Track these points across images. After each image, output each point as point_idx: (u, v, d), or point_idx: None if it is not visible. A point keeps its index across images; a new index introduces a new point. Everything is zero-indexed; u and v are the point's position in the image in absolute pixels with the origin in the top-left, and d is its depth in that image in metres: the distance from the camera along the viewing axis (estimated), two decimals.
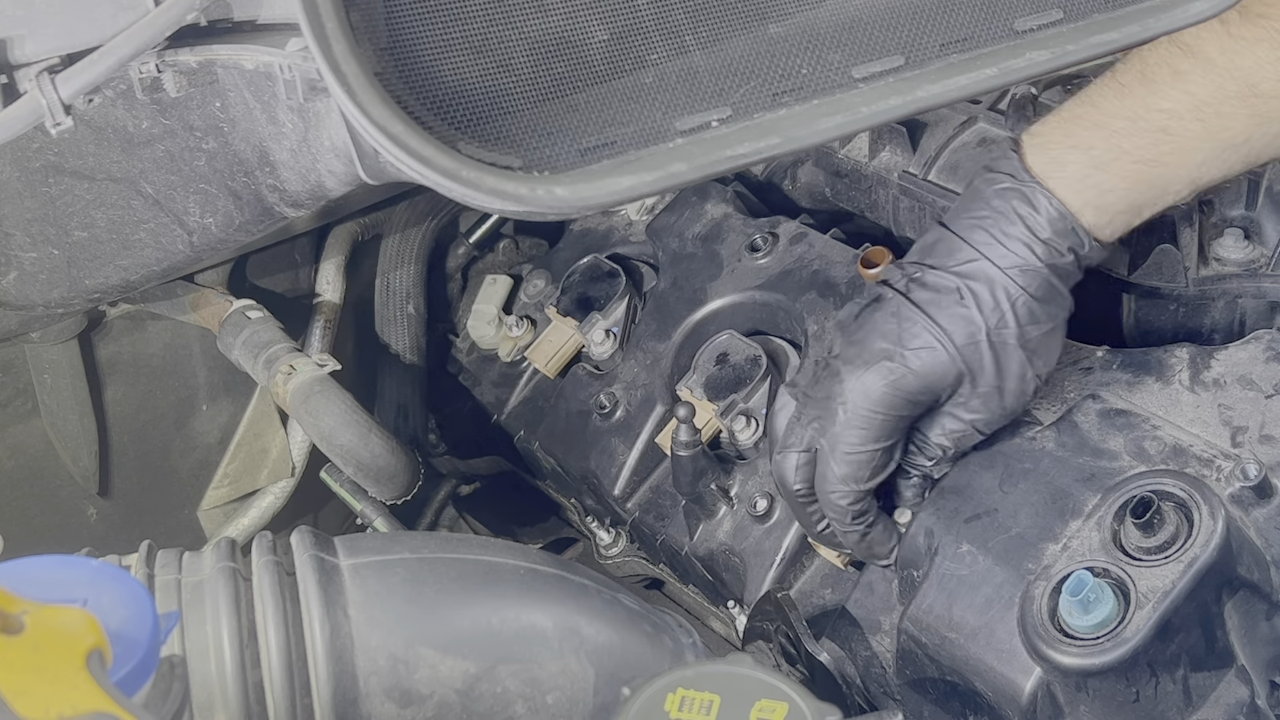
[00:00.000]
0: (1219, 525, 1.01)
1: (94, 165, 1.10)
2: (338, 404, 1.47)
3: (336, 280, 1.69)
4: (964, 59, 0.80)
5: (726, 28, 0.77)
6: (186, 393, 1.62)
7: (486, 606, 0.96)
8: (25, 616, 0.64)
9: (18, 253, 1.24)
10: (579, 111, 0.72)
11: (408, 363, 1.75)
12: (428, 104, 0.68)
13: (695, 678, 0.81)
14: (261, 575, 0.93)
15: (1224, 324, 1.27)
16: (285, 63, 0.75)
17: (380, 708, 0.91)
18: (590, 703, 0.96)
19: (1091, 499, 1.08)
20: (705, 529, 1.38)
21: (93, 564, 0.74)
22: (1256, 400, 1.12)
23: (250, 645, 0.90)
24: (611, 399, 1.49)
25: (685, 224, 1.57)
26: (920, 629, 1.12)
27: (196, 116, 0.99)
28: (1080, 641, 1.00)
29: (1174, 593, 1.00)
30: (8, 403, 1.52)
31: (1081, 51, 0.82)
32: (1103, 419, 1.15)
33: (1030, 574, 1.06)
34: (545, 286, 1.67)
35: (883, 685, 1.21)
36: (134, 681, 0.68)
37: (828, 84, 0.76)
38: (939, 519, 1.15)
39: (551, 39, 0.72)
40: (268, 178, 0.98)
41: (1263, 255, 1.25)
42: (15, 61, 0.76)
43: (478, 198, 0.67)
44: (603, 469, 1.47)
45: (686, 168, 0.70)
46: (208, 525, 1.68)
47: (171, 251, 1.15)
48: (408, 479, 1.53)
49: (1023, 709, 1.05)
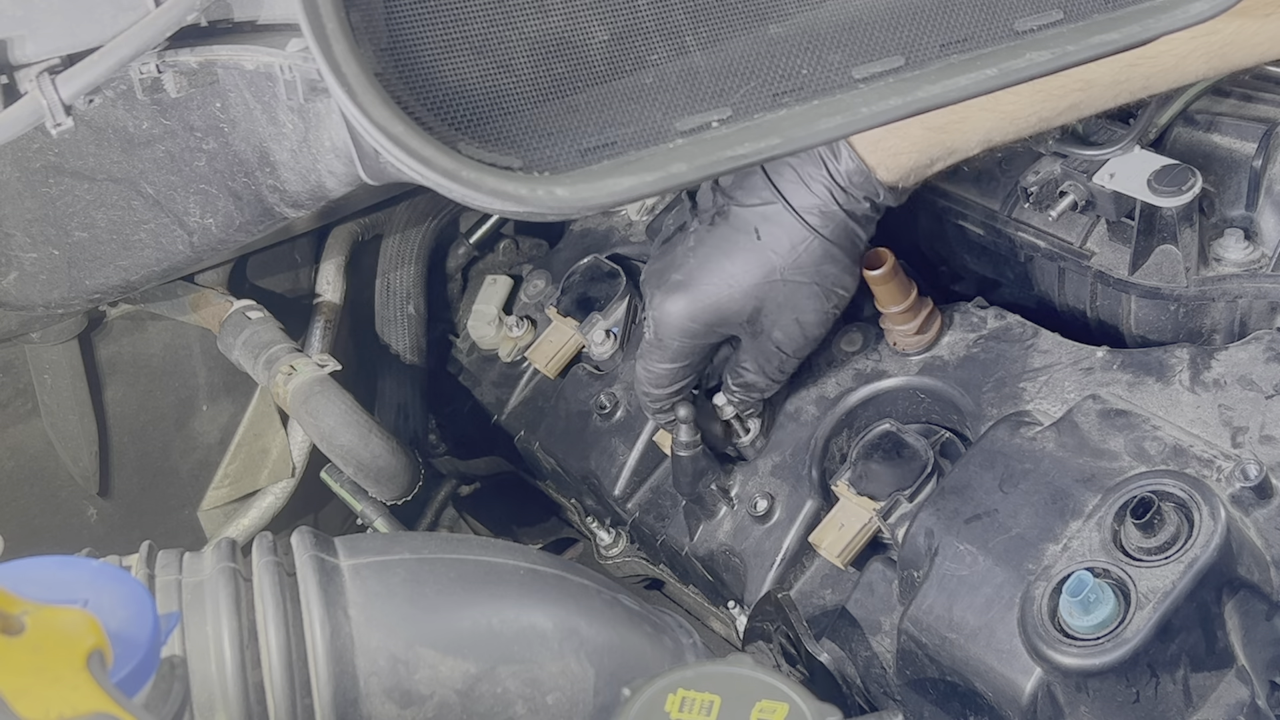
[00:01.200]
0: (1219, 525, 1.01)
1: (94, 165, 1.10)
2: (338, 404, 1.47)
3: (336, 280, 1.69)
4: (964, 59, 0.79)
5: (726, 28, 0.77)
6: (187, 393, 1.62)
7: (487, 607, 0.96)
8: (26, 617, 0.64)
9: (18, 253, 1.24)
10: (579, 112, 0.72)
11: (408, 363, 1.75)
12: (428, 104, 0.68)
13: (695, 678, 0.81)
14: (262, 576, 0.93)
15: (1224, 324, 1.27)
16: (285, 63, 0.75)
17: (380, 708, 0.91)
18: (590, 703, 0.96)
19: (1092, 499, 1.08)
20: (705, 529, 1.38)
21: (93, 564, 0.74)
22: (1256, 400, 1.12)
23: (250, 645, 0.90)
24: (612, 399, 1.49)
25: None
26: (920, 629, 1.12)
27: (197, 117, 0.99)
28: (1080, 642, 1.00)
29: (1174, 593, 0.99)
30: (8, 403, 1.52)
31: (1082, 52, 0.82)
32: (1103, 419, 1.15)
33: (1030, 574, 1.06)
34: (545, 287, 1.67)
35: (883, 685, 1.21)
36: (134, 682, 0.68)
37: (828, 84, 0.76)
38: (939, 519, 1.15)
39: (552, 39, 0.72)
40: (268, 178, 0.98)
41: (1263, 255, 1.25)
42: (16, 62, 0.76)
43: (478, 198, 0.67)
44: (603, 469, 1.47)
45: (687, 168, 0.70)
46: (208, 525, 1.68)
47: (172, 252, 1.15)
48: (408, 479, 1.53)
49: (1023, 709, 1.05)
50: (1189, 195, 1.22)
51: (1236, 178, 1.26)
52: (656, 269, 1.30)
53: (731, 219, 1.25)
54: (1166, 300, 1.28)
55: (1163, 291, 1.28)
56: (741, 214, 1.24)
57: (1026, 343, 1.29)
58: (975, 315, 1.35)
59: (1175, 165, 1.23)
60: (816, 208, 1.22)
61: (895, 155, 1.21)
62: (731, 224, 1.25)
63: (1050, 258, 1.34)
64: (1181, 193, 1.22)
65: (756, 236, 1.23)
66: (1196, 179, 1.22)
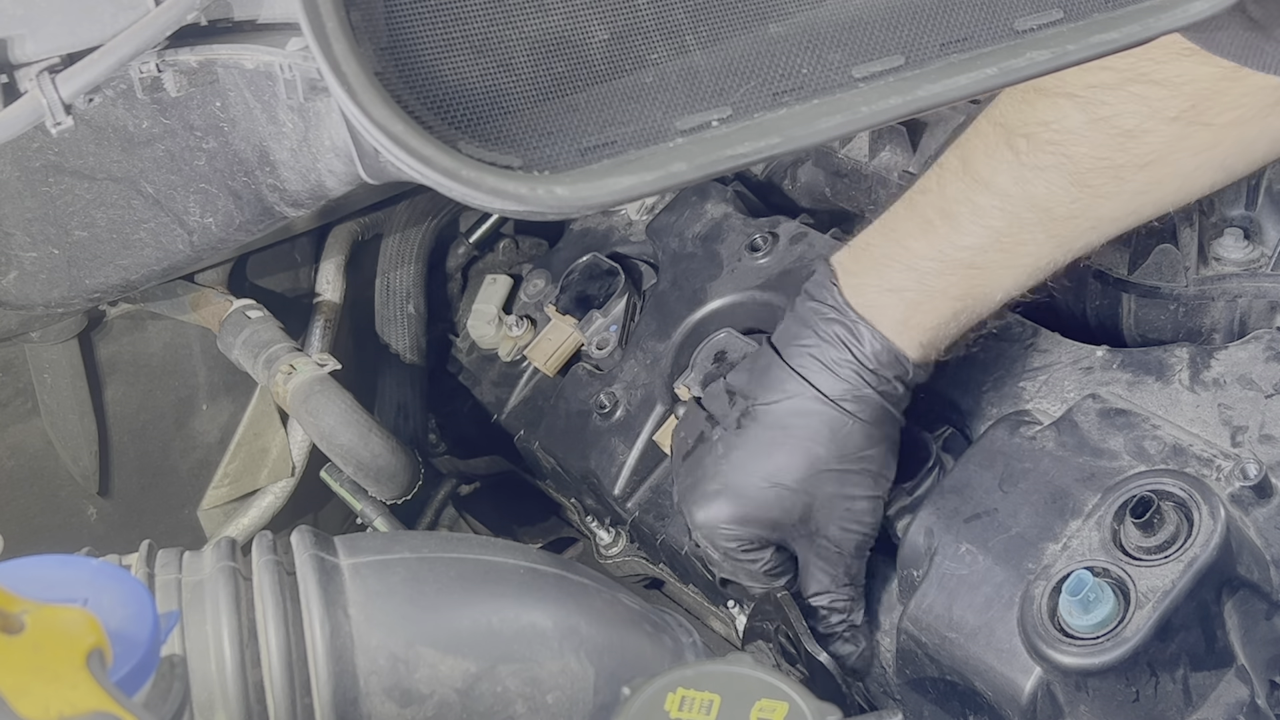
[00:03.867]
0: (1219, 525, 1.01)
1: (94, 165, 1.10)
2: (338, 404, 1.47)
3: (336, 280, 1.69)
4: (964, 59, 0.79)
5: (727, 27, 0.77)
6: (186, 392, 1.62)
7: (486, 606, 0.96)
8: (25, 616, 0.64)
9: (18, 252, 1.24)
10: (579, 111, 0.72)
11: (408, 362, 1.75)
12: (428, 104, 0.68)
13: (695, 677, 0.81)
14: (262, 575, 0.93)
15: (1224, 324, 1.27)
16: (285, 62, 0.75)
17: (380, 707, 0.91)
18: (590, 702, 0.96)
19: (1091, 499, 1.08)
20: None
21: (93, 564, 0.74)
22: (1256, 400, 1.12)
23: (250, 645, 0.90)
24: (611, 398, 1.49)
25: (685, 224, 1.57)
26: (920, 629, 1.12)
27: (196, 116, 0.99)
28: (1080, 641, 1.00)
29: (1174, 592, 1.00)
30: (8, 403, 1.52)
31: (1082, 51, 0.82)
32: (1103, 419, 1.15)
33: (1030, 574, 1.06)
34: (545, 286, 1.67)
35: (883, 685, 1.21)
36: (134, 681, 0.68)
37: (828, 84, 0.76)
38: (939, 519, 1.15)
39: (551, 39, 0.72)
40: (268, 177, 0.98)
41: (1263, 255, 1.25)
42: (15, 61, 0.76)
43: (478, 197, 0.67)
44: (603, 468, 1.47)
45: (686, 167, 0.70)
46: (208, 525, 1.68)
47: (171, 251, 1.15)
48: (408, 479, 1.53)
49: (1023, 709, 1.05)
50: None
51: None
52: (687, 485, 1.22)
53: (760, 419, 1.18)
54: (1166, 300, 1.28)
55: (1162, 291, 1.28)
56: (769, 411, 1.18)
57: (1026, 342, 1.29)
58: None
59: None
60: (849, 393, 1.16)
61: (922, 332, 1.17)
62: (761, 424, 1.18)
63: None
64: None
65: (792, 431, 1.17)
66: None
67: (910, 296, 1.16)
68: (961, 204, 1.15)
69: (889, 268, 1.17)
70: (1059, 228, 1.14)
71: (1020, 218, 1.13)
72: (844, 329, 1.16)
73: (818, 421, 1.16)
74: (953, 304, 1.16)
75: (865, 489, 1.18)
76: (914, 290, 1.16)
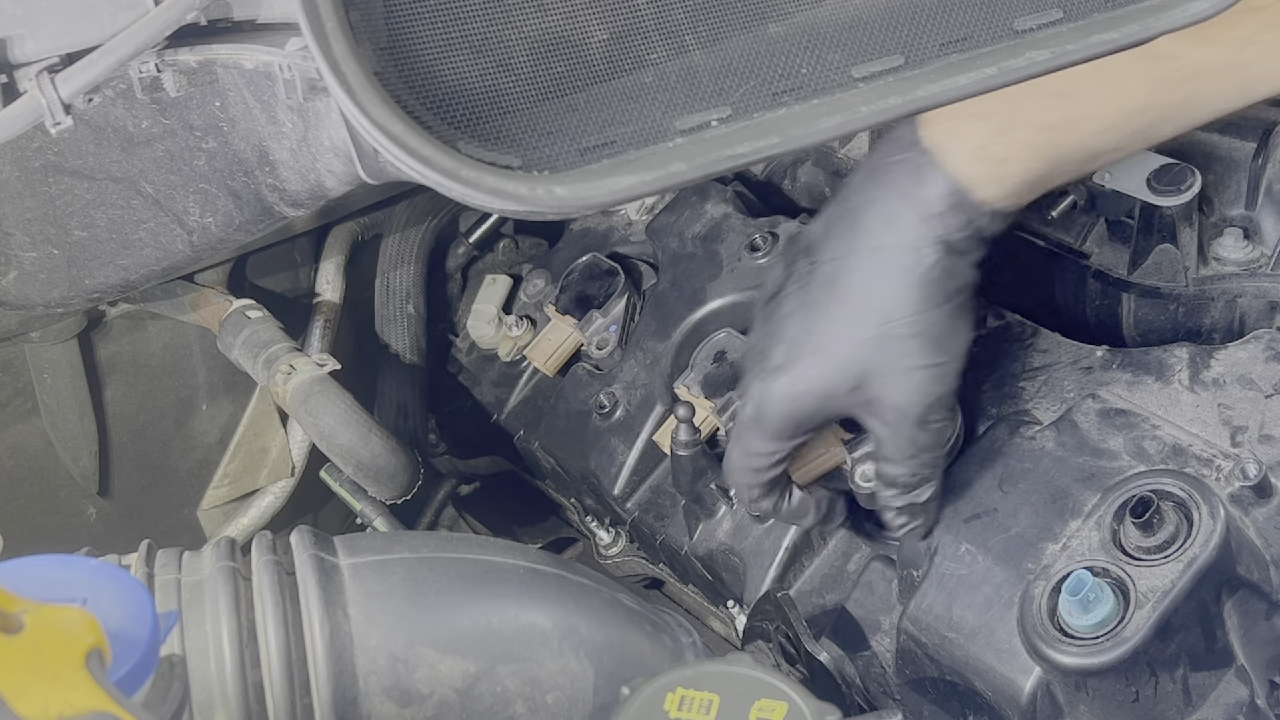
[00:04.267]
0: (1219, 525, 1.01)
1: (94, 165, 1.10)
2: (337, 404, 1.47)
3: (336, 280, 1.69)
4: (964, 59, 0.79)
5: (726, 27, 0.77)
6: (186, 392, 1.62)
7: (486, 606, 0.96)
8: (25, 616, 0.64)
9: (17, 252, 1.24)
10: (579, 111, 0.72)
11: (408, 363, 1.75)
12: (427, 104, 0.68)
13: (695, 677, 0.81)
14: (261, 575, 0.93)
15: (1224, 324, 1.27)
16: (285, 62, 0.75)
17: (380, 707, 0.91)
18: (590, 702, 0.96)
19: (1091, 499, 1.08)
20: (705, 529, 1.38)
21: (92, 564, 0.74)
22: (1256, 400, 1.12)
23: (250, 645, 0.90)
24: (611, 398, 1.49)
25: (685, 224, 1.57)
26: (920, 629, 1.12)
27: (196, 116, 0.99)
28: (1080, 641, 1.00)
29: (1174, 592, 1.00)
30: (8, 403, 1.52)
31: (1081, 51, 0.82)
32: (1102, 419, 1.15)
33: (1030, 574, 1.06)
34: (545, 286, 1.67)
35: (883, 685, 1.21)
36: (134, 681, 0.69)
37: (828, 83, 0.76)
38: (938, 518, 1.15)
39: (551, 39, 0.72)
40: (267, 177, 0.98)
41: (1263, 255, 1.25)
42: (15, 61, 0.76)
43: (477, 197, 0.67)
44: (602, 469, 1.47)
45: (686, 167, 0.70)
46: (207, 525, 1.68)
47: (171, 251, 1.15)
48: (407, 479, 1.53)
49: (1022, 709, 1.05)
50: (1188, 195, 1.22)
51: (1236, 177, 1.26)
52: (759, 348, 1.14)
53: (819, 277, 1.10)
54: (1166, 299, 1.28)
55: (1162, 291, 1.28)
56: (827, 270, 1.09)
57: (1025, 342, 1.29)
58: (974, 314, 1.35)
59: (1174, 164, 1.23)
60: (907, 245, 1.05)
61: (1000, 163, 1.05)
62: (819, 283, 1.10)
63: (1049, 257, 1.34)
64: (1181, 192, 1.22)
65: (848, 291, 1.08)
66: (1196, 178, 1.22)
67: (995, 121, 1.05)
68: None
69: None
70: (1162, 66, 1.04)
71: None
72: (912, 173, 1.06)
73: (871, 280, 1.07)
74: (1039, 137, 1.05)
75: (923, 356, 1.07)
76: (1000, 114, 1.04)
